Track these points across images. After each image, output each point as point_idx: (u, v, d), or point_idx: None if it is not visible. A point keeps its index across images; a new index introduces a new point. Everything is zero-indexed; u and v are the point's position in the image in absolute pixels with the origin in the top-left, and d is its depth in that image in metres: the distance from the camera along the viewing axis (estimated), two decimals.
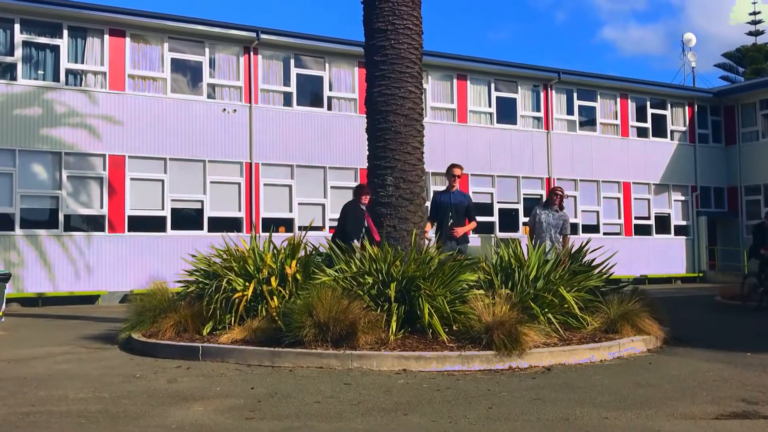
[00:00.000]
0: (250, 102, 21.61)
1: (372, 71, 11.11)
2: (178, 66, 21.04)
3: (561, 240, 11.23)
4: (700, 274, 28.82)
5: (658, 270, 27.83)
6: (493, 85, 25.63)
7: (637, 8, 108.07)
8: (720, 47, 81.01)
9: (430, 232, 10.93)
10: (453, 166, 10.73)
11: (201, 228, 20.53)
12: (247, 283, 9.48)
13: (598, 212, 27.02)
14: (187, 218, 20.64)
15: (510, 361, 7.96)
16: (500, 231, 24.54)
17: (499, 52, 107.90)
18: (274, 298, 9.22)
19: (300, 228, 20.22)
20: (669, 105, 29.46)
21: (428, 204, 11.62)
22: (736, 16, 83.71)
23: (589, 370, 7.85)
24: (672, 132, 29.43)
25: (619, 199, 27.66)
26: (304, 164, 22.06)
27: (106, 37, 20.00)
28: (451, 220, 10.21)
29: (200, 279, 10.28)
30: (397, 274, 9.01)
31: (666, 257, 28.33)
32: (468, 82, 25.16)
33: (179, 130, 20.58)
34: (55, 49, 19.53)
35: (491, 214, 24.96)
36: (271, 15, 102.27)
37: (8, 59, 18.97)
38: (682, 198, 29.27)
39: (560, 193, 11.36)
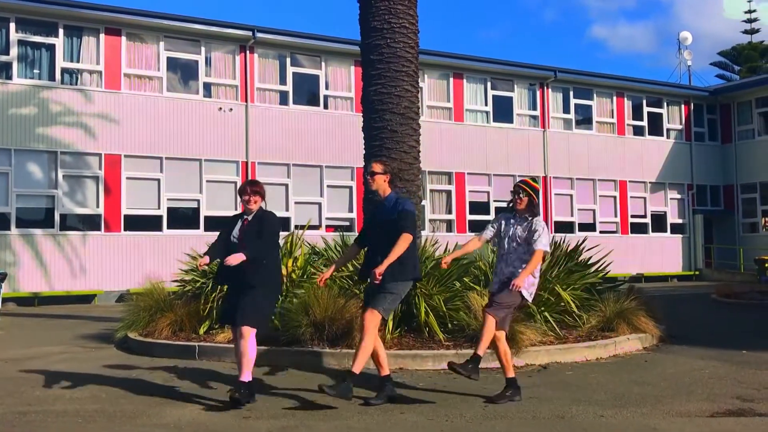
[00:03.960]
0: (246, 101, 21.59)
1: (368, 70, 11.11)
2: (174, 65, 21.01)
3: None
4: (697, 273, 28.86)
5: (655, 268, 27.87)
6: (489, 84, 25.64)
7: (626, 6, 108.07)
8: (710, 44, 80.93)
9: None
10: (374, 161, 6.75)
11: (197, 227, 20.50)
12: None
13: (594, 211, 27.04)
14: (184, 217, 20.61)
15: None
16: None
17: (489, 51, 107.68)
18: None
19: (296, 227, 20.21)
20: (665, 103, 29.48)
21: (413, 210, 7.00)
22: (729, 12, 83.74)
23: (585, 369, 7.86)
24: (668, 130, 29.46)
25: (615, 197, 27.68)
26: (301, 163, 22.04)
27: (102, 36, 19.95)
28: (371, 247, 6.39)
29: (196, 278, 10.29)
30: None
31: (662, 255, 28.37)
32: (464, 80, 25.15)
33: (175, 129, 20.55)
34: (51, 48, 19.48)
35: (488, 213, 24.95)
36: (268, 14, 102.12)
37: (4, 58, 18.91)
38: (679, 196, 29.31)
39: (523, 187, 6.55)
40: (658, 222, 28.71)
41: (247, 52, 21.71)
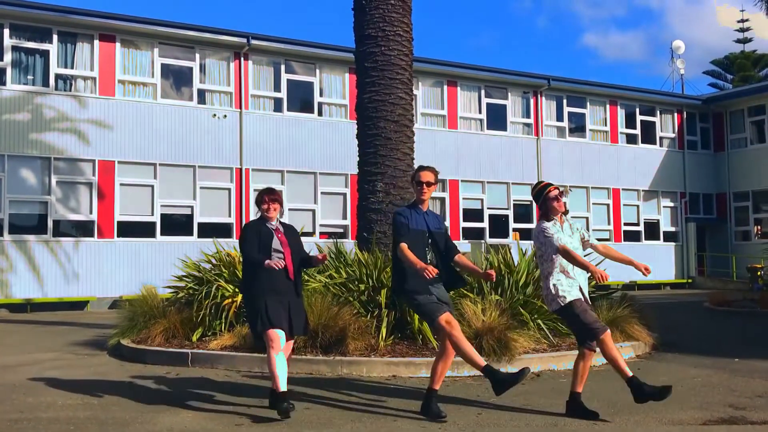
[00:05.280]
0: (240, 108, 21.60)
1: (362, 78, 11.15)
2: (168, 71, 21.00)
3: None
4: (689, 280, 28.94)
5: (648, 276, 27.88)
6: (483, 92, 25.70)
7: (617, 15, 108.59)
8: (703, 53, 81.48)
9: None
10: (422, 169, 6.28)
11: (191, 234, 20.47)
12: (236, 290, 9.47)
13: (587, 218, 27.11)
14: (177, 224, 20.57)
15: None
16: (490, 237, 24.59)
17: (481, 58, 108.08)
18: None
19: None
20: (658, 112, 29.62)
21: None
22: (722, 20, 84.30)
23: None
24: (661, 139, 29.59)
25: (608, 205, 27.77)
26: (295, 170, 22.05)
27: (96, 42, 19.96)
28: (430, 255, 6.14)
29: (190, 285, 10.27)
30: (388, 281, 9.02)
31: (655, 263, 28.38)
32: (458, 88, 25.22)
33: (169, 136, 20.53)
34: (45, 54, 19.47)
35: (481, 220, 25.00)
36: (262, 21, 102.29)
37: None
38: (671, 204, 29.41)
39: (556, 193, 6.48)
40: (651, 230, 28.80)
41: (242, 58, 21.73)
